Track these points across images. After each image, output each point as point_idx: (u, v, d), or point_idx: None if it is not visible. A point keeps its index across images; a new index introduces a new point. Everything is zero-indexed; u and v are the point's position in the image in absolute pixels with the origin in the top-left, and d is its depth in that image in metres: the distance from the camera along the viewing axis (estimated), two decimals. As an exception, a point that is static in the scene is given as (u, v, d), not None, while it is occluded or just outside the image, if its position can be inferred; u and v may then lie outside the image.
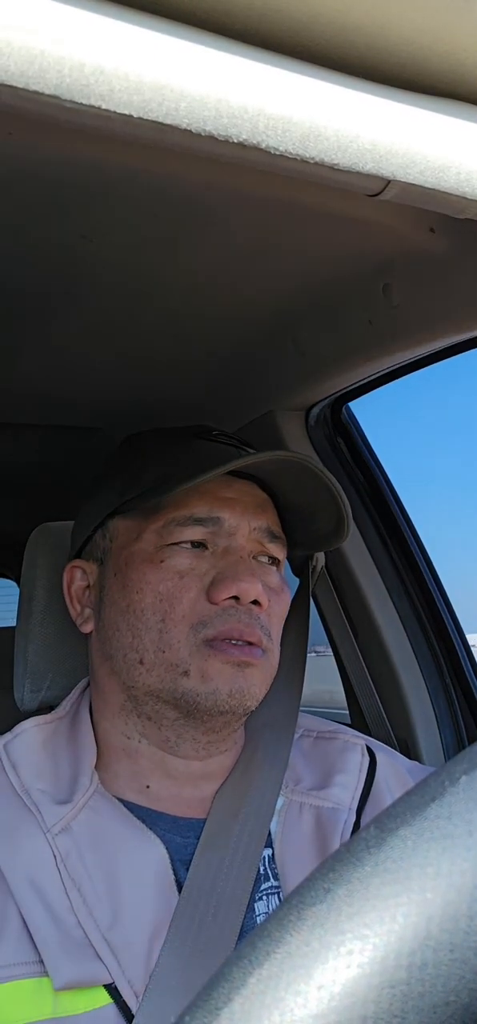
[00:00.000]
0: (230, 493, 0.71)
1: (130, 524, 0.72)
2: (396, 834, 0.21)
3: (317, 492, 0.73)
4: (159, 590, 0.68)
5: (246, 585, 0.67)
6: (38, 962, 0.58)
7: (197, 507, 0.69)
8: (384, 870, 0.21)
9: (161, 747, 0.70)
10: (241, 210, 0.66)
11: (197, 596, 0.68)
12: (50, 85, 0.31)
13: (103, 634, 0.72)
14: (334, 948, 0.20)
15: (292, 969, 0.20)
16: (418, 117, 0.40)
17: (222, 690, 0.66)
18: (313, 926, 0.20)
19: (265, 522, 0.72)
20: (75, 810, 0.65)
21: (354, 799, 0.74)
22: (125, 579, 0.70)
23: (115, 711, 0.72)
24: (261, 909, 0.67)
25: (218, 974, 0.20)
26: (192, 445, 0.74)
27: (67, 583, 0.77)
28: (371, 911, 0.20)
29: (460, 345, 0.83)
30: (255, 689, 0.68)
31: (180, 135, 0.34)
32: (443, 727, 1.05)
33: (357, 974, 0.19)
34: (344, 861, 0.21)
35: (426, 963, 0.19)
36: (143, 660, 0.68)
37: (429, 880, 0.20)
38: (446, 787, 0.22)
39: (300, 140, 0.36)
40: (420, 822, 0.21)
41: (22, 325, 0.88)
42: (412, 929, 0.20)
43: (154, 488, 0.69)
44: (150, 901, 0.62)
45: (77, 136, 0.51)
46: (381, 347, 0.86)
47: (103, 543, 0.74)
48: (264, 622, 0.69)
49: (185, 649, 0.66)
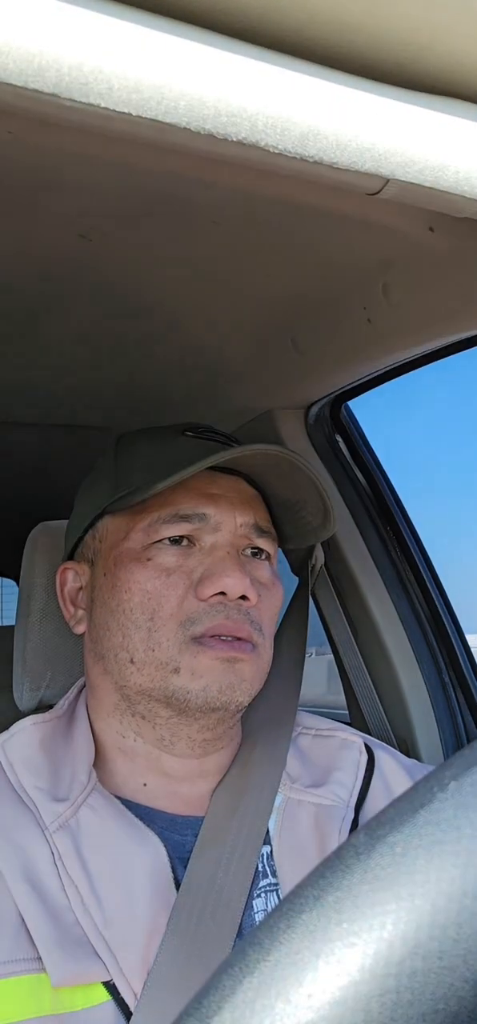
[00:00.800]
0: (215, 489, 0.71)
1: (118, 523, 0.72)
2: (385, 841, 0.21)
3: (302, 486, 0.73)
4: (147, 588, 0.67)
5: (232, 581, 0.66)
6: (36, 959, 0.58)
7: (182, 504, 0.69)
8: (373, 877, 0.20)
9: (156, 745, 0.70)
10: (240, 209, 0.66)
11: (185, 593, 0.67)
12: (49, 84, 0.31)
13: (95, 634, 0.72)
14: (324, 956, 0.20)
15: (282, 978, 0.20)
16: (417, 116, 0.40)
17: (212, 687, 0.66)
18: (303, 934, 0.20)
19: (252, 517, 0.72)
20: (73, 808, 0.65)
21: (352, 796, 0.74)
22: (114, 579, 0.70)
23: (109, 710, 0.72)
24: (259, 906, 0.67)
25: (209, 983, 0.20)
26: (178, 442, 0.74)
27: (60, 585, 0.77)
28: (360, 919, 0.20)
29: (459, 343, 0.83)
30: (246, 685, 0.67)
31: (179, 134, 0.34)
32: (443, 727, 1.05)
33: (346, 982, 0.19)
34: (333, 868, 0.21)
35: (415, 971, 0.19)
36: (134, 659, 0.68)
37: (418, 887, 0.20)
38: (435, 793, 0.22)
39: (299, 139, 0.36)
40: (409, 828, 0.21)
41: (21, 324, 0.88)
42: (401, 937, 0.20)
43: (139, 487, 0.69)
44: (148, 899, 0.62)
45: (76, 135, 0.50)
46: (380, 346, 0.86)
47: (93, 544, 0.74)
48: (254, 617, 0.69)
49: (174, 647, 0.66)
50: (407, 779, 0.78)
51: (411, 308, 0.77)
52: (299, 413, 1.08)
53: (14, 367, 1.00)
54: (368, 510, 1.10)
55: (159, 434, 0.77)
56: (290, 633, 0.91)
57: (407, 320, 0.79)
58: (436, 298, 0.73)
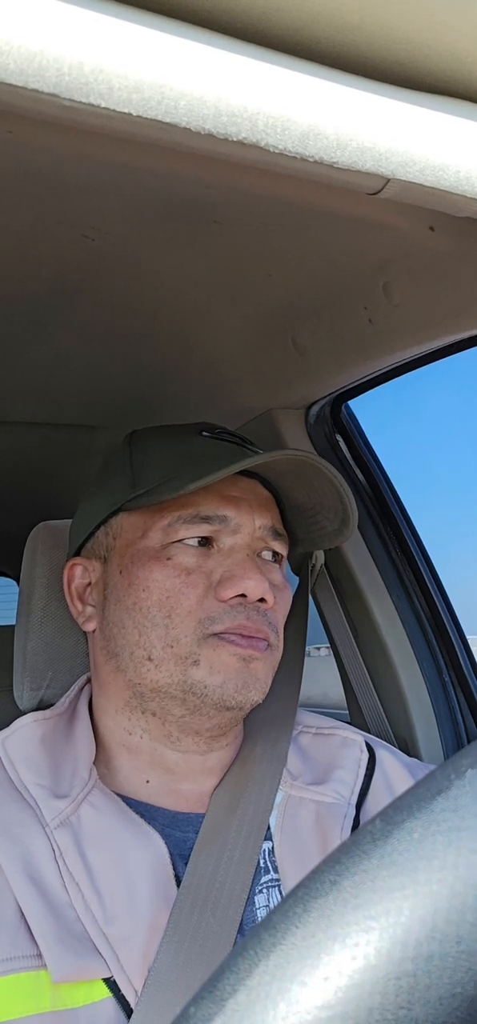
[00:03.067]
0: (236, 491, 0.71)
1: (135, 521, 0.71)
2: (402, 827, 0.21)
3: (322, 490, 0.73)
4: (166, 587, 0.68)
5: (253, 583, 0.67)
6: (37, 955, 0.58)
7: (203, 505, 0.69)
8: (390, 863, 0.21)
9: (162, 742, 0.70)
10: (241, 208, 0.66)
11: (205, 593, 0.68)
12: (49, 84, 0.31)
13: (108, 632, 0.72)
14: (340, 940, 0.20)
15: (298, 960, 0.20)
16: (418, 115, 0.40)
17: (228, 685, 0.66)
18: (319, 918, 0.20)
19: (270, 520, 0.72)
20: (74, 804, 0.65)
21: (353, 794, 0.74)
22: (131, 576, 0.70)
23: (119, 707, 0.72)
24: (261, 902, 0.67)
25: (224, 965, 0.21)
26: (196, 443, 0.74)
27: (67, 581, 0.77)
28: (377, 903, 0.20)
29: (460, 343, 0.83)
30: (260, 684, 0.68)
31: (180, 133, 0.34)
32: (443, 727, 1.05)
33: (363, 966, 0.19)
34: (350, 854, 0.21)
35: (432, 955, 0.19)
36: (152, 657, 0.68)
37: (435, 872, 0.20)
38: (452, 780, 0.22)
39: (300, 138, 0.36)
40: (426, 815, 0.21)
41: (23, 323, 0.88)
42: (418, 921, 0.20)
43: (160, 485, 0.69)
44: (149, 895, 0.62)
45: (76, 135, 0.51)
46: (381, 346, 0.86)
47: (106, 540, 0.74)
48: (271, 618, 0.70)
49: (193, 641, 0.67)
50: (408, 777, 0.79)
51: (412, 308, 0.77)
52: (299, 413, 1.08)
53: (15, 367, 1.00)
54: (369, 510, 1.10)
55: (175, 433, 0.77)
56: (290, 632, 0.91)
57: (408, 320, 0.79)
58: (437, 298, 0.73)
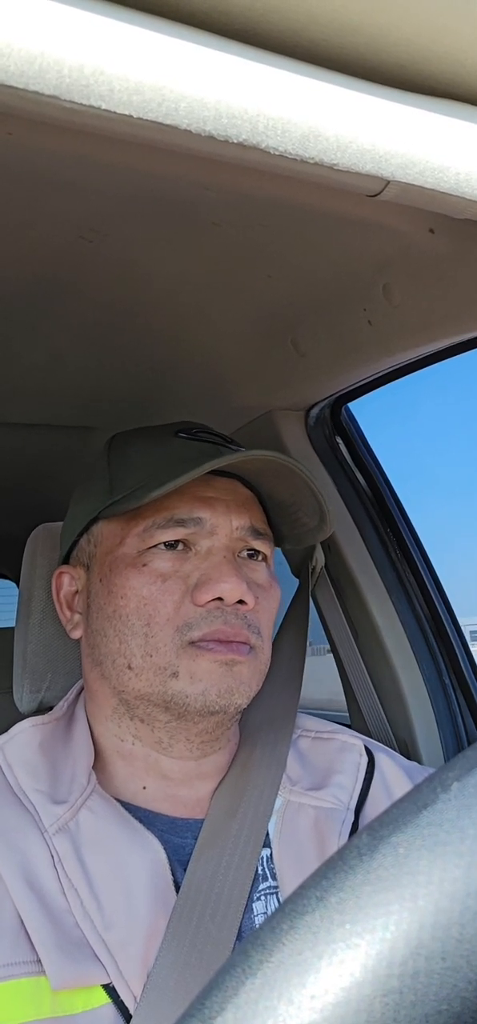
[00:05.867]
0: (211, 492, 0.70)
1: (113, 528, 0.71)
2: (388, 842, 0.21)
3: (298, 488, 0.72)
4: (143, 594, 0.67)
5: (229, 586, 0.66)
6: (36, 962, 0.58)
7: (177, 508, 0.68)
8: (376, 878, 0.20)
9: (154, 748, 0.70)
10: (241, 210, 0.66)
11: (181, 599, 0.67)
12: (50, 85, 0.31)
13: (92, 640, 0.72)
14: (326, 957, 0.20)
15: (285, 979, 0.20)
16: (417, 118, 0.40)
17: (211, 691, 0.65)
18: (305, 935, 0.20)
19: (248, 520, 0.71)
20: (72, 810, 0.65)
21: (352, 799, 0.74)
22: (110, 584, 0.69)
23: (108, 714, 0.71)
24: (259, 909, 0.66)
25: (211, 983, 0.20)
26: (172, 444, 0.73)
27: (56, 589, 0.77)
28: (363, 920, 0.20)
29: (460, 345, 0.83)
30: (244, 687, 0.67)
31: (180, 135, 0.34)
32: (443, 728, 1.05)
33: (349, 983, 0.19)
34: (336, 869, 0.21)
35: (418, 972, 0.19)
36: (132, 665, 0.67)
37: (421, 888, 0.20)
38: (438, 794, 0.22)
39: (300, 140, 0.36)
40: (412, 829, 0.21)
41: (22, 324, 0.88)
42: (404, 938, 0.20)
43: (135, 491, 0.69)
44: (148, 901, 0.62)
45: (77, 136, 0.50)
46: (381, 347, 0.86)
47: (89, 548, 0.74)
48: (251, 620, 0.68)
49: (172, 651, 0.66)
50: (407, 781, 0.78)
51: (412, 310, 0.77)
52: (299, 415, 1.08)
53: (15, 367, 1.00)
54: (368, 512, 1.09)
55: (152, 435, 0.76)
56: (290, 635, 0.91)
57: (408, 322, 0.79)
58: (437, 299, 0.73)
